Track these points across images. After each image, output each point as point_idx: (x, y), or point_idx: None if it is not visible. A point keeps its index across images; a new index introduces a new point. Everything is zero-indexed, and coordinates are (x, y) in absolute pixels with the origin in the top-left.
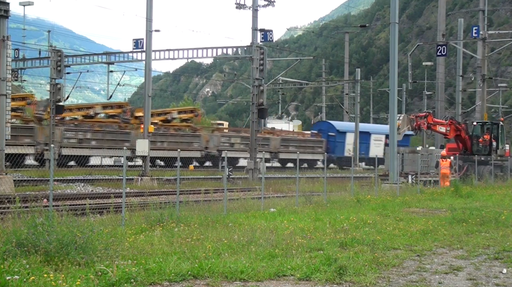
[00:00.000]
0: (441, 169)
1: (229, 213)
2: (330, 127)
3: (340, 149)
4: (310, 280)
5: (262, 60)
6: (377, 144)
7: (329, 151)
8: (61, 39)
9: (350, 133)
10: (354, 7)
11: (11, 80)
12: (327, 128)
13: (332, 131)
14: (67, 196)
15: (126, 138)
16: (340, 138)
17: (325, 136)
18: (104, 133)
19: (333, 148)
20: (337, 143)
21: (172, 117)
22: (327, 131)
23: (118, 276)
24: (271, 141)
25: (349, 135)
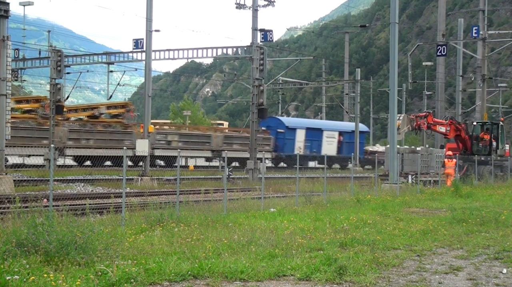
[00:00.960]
0: (446, 169)
1: (229, 213)
2: (279, 123)
3: (290, 147)
4: (310, 280)
5: (262, 60)
6: (330, 141)
7: (278, 148)
8: (61, 39)
9: (301, 130)
10: (354, 7)
11: (11, 80)
12: (276, 124)
13: (281, 128)
14: (67, 196)
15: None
16: (290, 135)
17: (274, 133)
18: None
19: (282, 146)
20: (287, 140)
21: (100, 113)
22: (276, 128)
23: (118, 276)
24: (212, 138)
25: (300, 132)
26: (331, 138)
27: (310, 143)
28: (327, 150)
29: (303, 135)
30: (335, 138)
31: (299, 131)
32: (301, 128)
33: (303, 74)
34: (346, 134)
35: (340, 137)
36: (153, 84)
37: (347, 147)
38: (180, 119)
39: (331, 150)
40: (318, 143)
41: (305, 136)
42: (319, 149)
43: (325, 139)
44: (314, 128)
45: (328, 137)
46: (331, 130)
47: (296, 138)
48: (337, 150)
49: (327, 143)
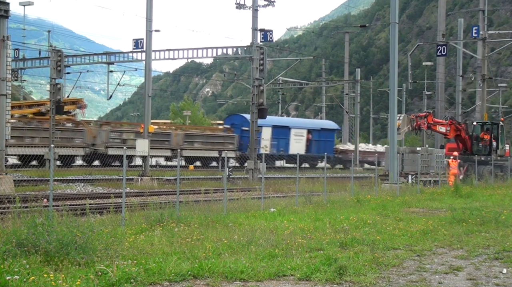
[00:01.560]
0: (451, 169)
1: (229, 213)
2: (243, 121)
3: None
4: (310, 280)
5: (262, 60)
6: (298, 139)
7: (242, 147)
8: (61, 39)
9: (267, 128)
10: (354, 7)
11: (11, 80)
12: (241, 122)
13: (246, 126)
14: (67, 196)
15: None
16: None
17: (239, 131)
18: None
19: (247, 144)
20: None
21: (47, 109)
22: (241, 126)
23: (118, 276)
24: (172, 137)
25: (266, 130)
26: (299, 136)
27: (277, 142)
28: (295, 148)
29: (269, 133)
30: (303, 136)
31: (265, 129)
32: (267, 126)
33: (303, 74)
34: (315, 132)
35: (309, 136)
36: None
37: (317, 145)
38: (180, 119)
39: (299, 149)
40: (285, 142)
41: (271, 134)
42: (286, 147)
43: (293, 137)
44: (281, 126)
45: (296, 135)
46: (299, 128)
47: (261, 137)
48: (305, 148)
49: (295, 141)
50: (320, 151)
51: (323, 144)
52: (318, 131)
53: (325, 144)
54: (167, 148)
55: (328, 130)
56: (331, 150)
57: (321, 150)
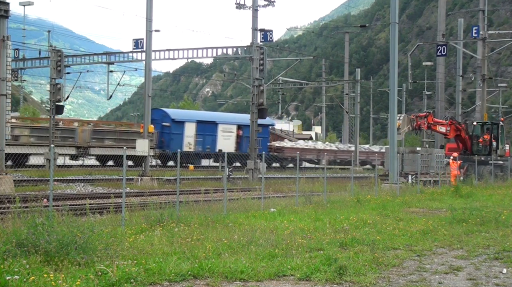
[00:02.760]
0: (451, 170)
1: (229, 213)
2: (164, 116)
3: (177, 143)
4: (310, 280)
5: (262, 60)
6: (226, 136)
7: (163, 145)
8: (61, 39)
9: (190, 123)
10: (354, 7)
11: (11, 80)
12: (161, 117)
13: (167, 121)
14: (67, 196)
15: None
16: (177, 130)
17: (159, 127)
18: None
19: (168, 142)
20: (173, 135)
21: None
22: (161, 121)
23: (118, 276)
24: (76, 133)
25: (189, 126)
26: (228, 132)
27: (202, 138)
28: (223, 145)
29: (193, 129)
30: (232, 132)
31: (188, 125)
32: (190, 122)
33: (303, 74)
34: (246, 128)
35: (239, 132)
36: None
37: (248, 142)
38: None
39: (228, 146)
40: (212, 138)
41: (195, 130)
42: (213, 144)
43: (220, 134)
44: (206, 121)
45: (225, 131)
46: (228, 124)
47: (184, 133)
48: (235, 145)
49: (223, 138)
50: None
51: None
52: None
53: (258, 141)
54: (71, 145)
55: (262, 125)
56: (265, 147)
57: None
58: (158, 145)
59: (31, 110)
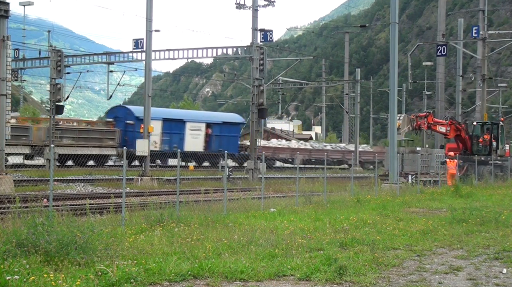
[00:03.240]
0: (449, 169)
1: (229, 213)
2: (127, 113)
3: None
4: (310, 280)
5: (262, 60)
6: (195, 134)
7: (127, 143)
8: (61, 39)
9: (156, 121)
10: (354, 7)
11: (11, 80)
12: (124, 115)
13: (131, 119)
14: (67, 196)
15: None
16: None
17: (122, 125)
18: None
19: (132, 140)
20: (137, 134)
21: None
22: (124, 119)
23: (118, 276)
24: (31, 131)
25: (154, 124)
26: (197, 131)
27: (168, 137)
28: (191, 145)
29: (159, 127)
30: (201, 131)
31: (153, 123)
32: (156, 119)
33: (303, 74)
34: (216, 127)
35: (208, 130)
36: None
37: (218, 141)
38: None
39: (196, 145)
40: (179, 137)
41: (161, 129)
42: (181, 143)
43: (188, 132)
44: (173, 119)
45: (193, 130)
46: (196, 122)
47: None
48: (204, 144)
49: (192, 137)
50: (222, 148)
51: (226, 140)
52: (220, 125)
53: (228, 140)
54: (24, 144)
55: (232, 124)
56: (235, 146)
57: (224, 146)
58: (121, 143)
59: (31, 110)
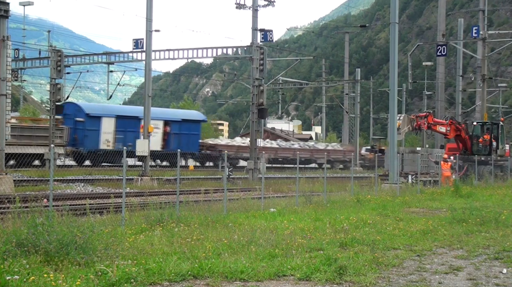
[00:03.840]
0: (443, 171)
1: (229, 213)
2: (77, 110)
3: (93, 140)
4: (310, 280)
5: (262, 60)
6: (152, 133)
7: (76, 142)
8: (61, 39)
9: (109, 119)
10: (354, 7)
11: (11, 80)
12: (74, 112)
13: (80, 116)
14: (67, 196)
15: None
16: (92, 125)
17: (72, 123)
18: None
19: (82, 139)
20: (88, 132)
21: None
22: (74, 116)
23: (118, 276)
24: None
25: (107, 121)
26: (155, 129)
27: (123, 135)
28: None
29: (112, 125)
30: (159, 129)
31: (106, 121)
32: (108, 117)
33: (303, 74)
34: (175, 124)
35: (166, 128)
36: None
37: (177, 140)
38: None
39: (153, 144)
40: (134, 135)
41: (115, 126)
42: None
43: None
44: (128, 116)
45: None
46: (153, 119)
47: (101, 129)
48: (162, 143)
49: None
50: (182, 147)
51: (185, 138)
52: (179, 123)
53: (188, 138)
54: None
55: (192, 121)
56: (196, 145)
57: (184, 145)
58: (70, 142)
59: (31, 110)
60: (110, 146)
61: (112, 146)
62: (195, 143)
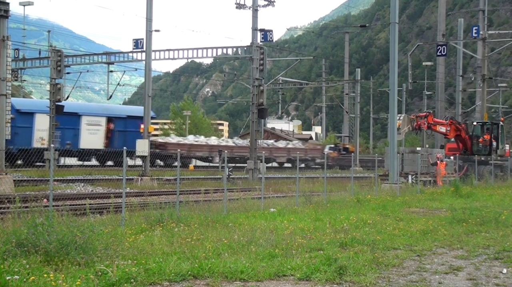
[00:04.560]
0: (442, 171)
1: (229, 213)
2: None
3: (26, 138)
4: (310, 280)
5: (262, 60)
6: (93, 130)
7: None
8: (61, 39)
9: (43, 115)
10: (354, 7)
11: (11, 80)
12: None
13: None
14: (67, 196)
15: None
16: (24, 122)
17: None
18: None
19: (13, 136)
20: (19, 129)
21: None
22: None
23: (118, 276)
24: None
25: (41, 118)
26: (96, 126)
27: (60, 133)
28: (88, 141)
29: (47, 122)
30: (101, 126)
31: (39, 117)
32: (43, 113)
33: (303, 74)
34: (120, 121)
35: (110, 125)
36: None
37: (122, 138)
38: (180, 119)
39: (95, 142)
40: (74, 133)
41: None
42: (75, 140)
43: (85, 127)
44: (65, 112)
45: (91, 125)
46: (94, 116)
47: (35, 127)
48: (105, 141)
49: (89, 133)
50: (128, 145)
51: (131, 136)
52: (124, 119)
53: (135, 136)
54: None
55: (139, 118)
56: None
57: (130, 143)
58: None
59: None
60: (44, 144)
61: (47, 144)
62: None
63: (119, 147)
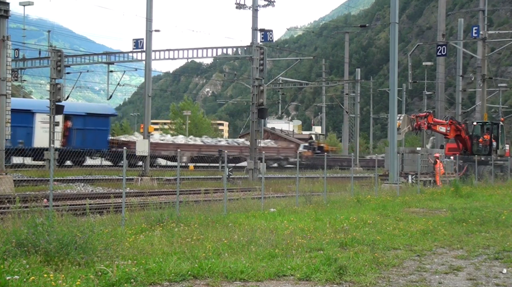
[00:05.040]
0: (441, 169)
1: (229, 213)
2: None
3: None
4: (310, 280)
5: (262, 60)
6: (46, 127)
7: None
8: (61, 39)
9: None
10: (354, 7)
11: (11, 80)
12: None
13: None
14: (67, 196)
15: None
16: None
17: None
18: None
19: None
20: None
21: None
22: None
23: (118, 276)
24: None
25: None
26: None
27: (12, 131)
28: (43, 140)
29: None
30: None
31: None
32: None
33: (303, 74)
34: (79, 119)
35: (67, 123)
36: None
37: (81, 136)
38: (180, 119)
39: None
40: (27, 131)
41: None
42: (29, 139)
43: (39, 125)
44: (17, 109)
45: (46, 122)
46: (48, 113)
47: None
48: (62, 140)
49: (44, 131)
50: (87, 144)
51: (91, 134)
52: (83, 117)
53: (95, 134)
54: None
55: (99, 116)
56: (104, 141)
57: (89, 142)
58: None
59: None
60: None
61: None
62: (103, 140)
63: (77, 145)
